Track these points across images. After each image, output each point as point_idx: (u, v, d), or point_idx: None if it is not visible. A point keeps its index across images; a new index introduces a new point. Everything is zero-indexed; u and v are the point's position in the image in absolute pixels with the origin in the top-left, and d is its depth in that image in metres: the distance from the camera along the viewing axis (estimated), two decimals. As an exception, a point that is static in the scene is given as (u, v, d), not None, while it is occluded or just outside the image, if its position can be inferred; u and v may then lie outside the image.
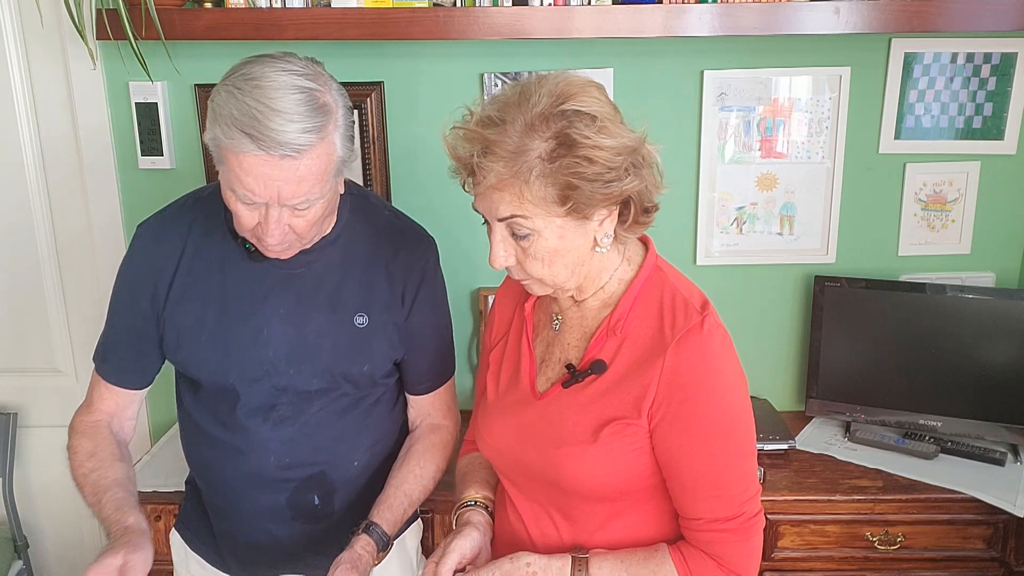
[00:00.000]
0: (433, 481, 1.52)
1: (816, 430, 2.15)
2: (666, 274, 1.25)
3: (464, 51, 2.05)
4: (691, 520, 1.21)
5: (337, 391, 1.46)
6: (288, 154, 1.21)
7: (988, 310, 1.99)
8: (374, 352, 1.47)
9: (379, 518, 1.40)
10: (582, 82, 1.13)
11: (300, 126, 1.20)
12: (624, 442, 1.19)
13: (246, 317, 1.42)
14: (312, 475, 1.48)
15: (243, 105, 1.20)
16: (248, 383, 1.43)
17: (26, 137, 2.13)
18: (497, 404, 1.34)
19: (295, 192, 1.24)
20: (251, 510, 1.49)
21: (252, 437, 1.45)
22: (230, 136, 1.20)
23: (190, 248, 1.43)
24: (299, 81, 1.23)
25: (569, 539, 1.28)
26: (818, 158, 2.12)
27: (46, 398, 2.30)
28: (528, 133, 1.09)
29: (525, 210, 1.12)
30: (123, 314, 1.47)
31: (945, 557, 1.90)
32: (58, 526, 2.41)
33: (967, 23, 1.86)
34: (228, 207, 1.31)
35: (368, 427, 1.52)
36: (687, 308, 1.19)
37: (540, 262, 1.17)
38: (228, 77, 1.25)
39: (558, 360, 1.29)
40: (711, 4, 1.86)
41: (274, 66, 1.24)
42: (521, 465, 1.29)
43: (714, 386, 1.17)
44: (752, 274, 2.20)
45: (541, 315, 1.35)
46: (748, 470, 1.21)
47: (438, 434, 1.56)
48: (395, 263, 1.47)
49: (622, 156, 1.11)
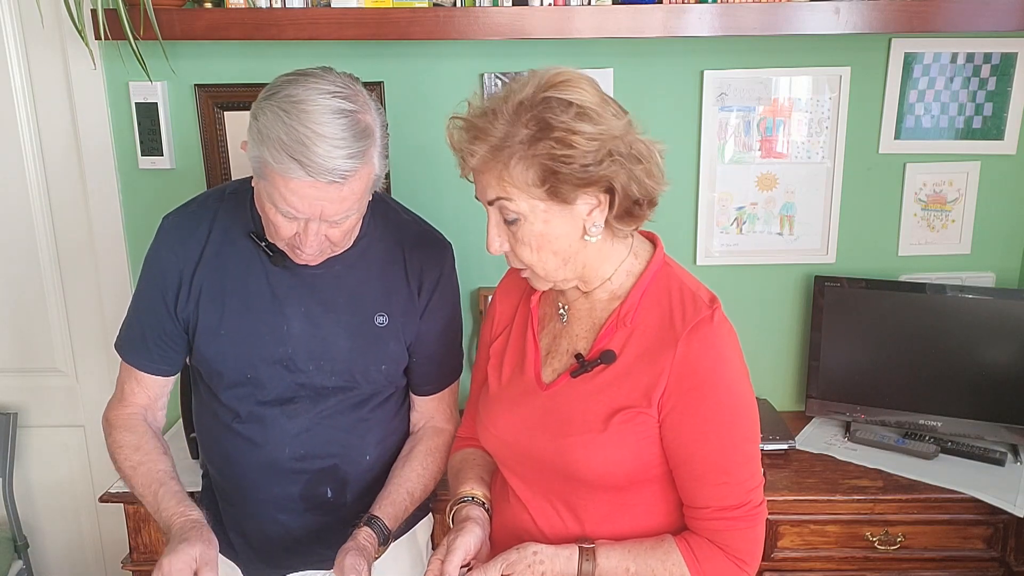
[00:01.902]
0: (434, 482, 1.55)
1: (816, 430, 2.15)
2: (674, 270, 1.29)
3: (464, 51, 2.05)
4: (698, 509, 1.23)
5: (354, 389, 1.49)
6: (335, 180, 1.25)
7: (988, 310, 1.99)
8: (392, 352, 1.50)
9: (381, 512, 1.43)
10: (568, 73, 1.17)
11: (346, 151, 1.25)
12: (634, 431, 1.22)
13: (266, 315, 1.45)
14: (325, 468, 1.51)
15: (291, 130, 1.23)
16: (266, 378, 1.46)
17: (26, 137, 2.13)
18: (500, 396, 1.36)
19: (337, 210, 1.30)
20: (264, 500, 1.52)
21: (268, 429, 1.48)
22: (279, 161, 1.24)
23: (212, 244, 1.46)
24: (342, 104, 1.26)
25: (576, 530, 1.29)
26: (818, 158, 2.12)
27: (46, 398, 2.30)
28: (512, 121, 1.15)
29: (508, 192, 1.16)
30: (147, 305, 1.49)
31: (945, 557, 1.90)
32: (58, 526, 2.41)
33: (967, 23, 1.86)
34: (264, 216, 1.34)
35: (381, 422, 1.55)
36: (696, 301, 1.23)
37: (529, 248, 1.20)
38: (272, 96, 1.27)
39: (565, 351, 1.31)
40: (711, 4, 1.86)
41: (318, 88, 1.27)
42: (528, 456, 1.30)
43: (724, 375, 1.20)
44: (752, 274, 2.20)
45: (547, 308, 1.37)
46: (754, 457, 1.24)
47: (441, 437, 1.59)
48: (412, 263, 1.50)
49: (598, 142, 1.14)
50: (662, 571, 1.23)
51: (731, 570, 1.23)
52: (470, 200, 1.26)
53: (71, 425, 2.31)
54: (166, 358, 1.51)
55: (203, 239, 1.46)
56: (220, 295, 1.45)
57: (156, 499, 1.41)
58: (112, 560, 2.41)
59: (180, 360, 1.53)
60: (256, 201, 1.38)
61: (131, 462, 1.46)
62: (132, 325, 1.52)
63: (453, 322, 1.58)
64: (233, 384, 1.48)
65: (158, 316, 1.48)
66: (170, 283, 1.46)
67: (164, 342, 1.49)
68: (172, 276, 1.46)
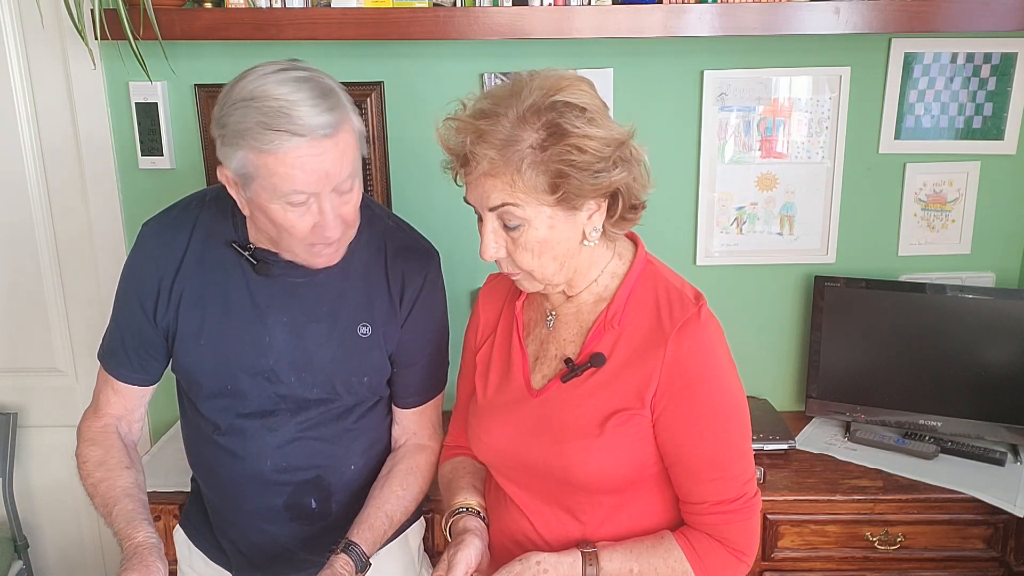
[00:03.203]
0: (415, 503, 1.51)
1: (816, 430, 2.15)
2: (657, 268, 1.29)
3: (464, 51, 2.05)
4: (695, 504, 1.24)
5: (336, 401, 1.46)
6: (327, 134, 1.22)
7: (988, 310, 1.99)
8: (376, 363, 1.47)
9: (359, 538, 1.39)
10: (572, 76, 1.16)
11: (323, 107, 1.22)
12: (629, 432, 1.22)
13: (247, 324, 1.42)
14: (309, 479, 1.48)
15: (264, 109, 1.21)
16: (247, 389, 1.44)
17: (26, 137, 2.13)
18: (490, 404, 1.34)
19: (340, 169, 1.26)
20: (249, 511, 1.49)
21: (250, 441, 1.45)
22: (267, 142, 1.21)
23: (193, 251, 1.43)
24: (297, 74, 1.24)
25: (576, 533, 1.29)
26: (818, 158, 2.12)
27: (46, 398, 2.30)
28: (520, 124, 1.12)
29: (516, 198, 1.14)
30: (126, 313, 1.47)
31: (945, 557, 1.90)
32: (58, 526, 2.41)
33: (967, 23, 1.86)
34: (273, 226, 1.30)
35: (366, 431, 1.52)
36: (683, 299, 1.23)
37: (530, 253, 1.19)
38: (227, 105, 1.24)
39: (554, 356, 1.30)
40: (711, 4, 1.86)
41: (265, 74, 1.24)
42: (524, 463, 1.29)
43: (714, 371, 1.21)
44: (752, 274, 2.20)
45: (532, 313, 1.36)
46: (747, 451, 1.26)
47: (423, 455, 1.54)
48: (395, 271, 1.46)
49: (611, 147, 1.14)
50: (665, 569, 1.23)
51: (731, 562, 1.25)
52: (468, 197, 1.24)
53: (71, 425, 2.26)
54: (145, 367, 1.48)
55: (183, 246, 1.43)
56: (200, 302, 1.42)
57: (111, 519, 1.37)
58: (112, 560, 2.41)
59: (159, 370, 1.50)
60: (256, 219, 1.33)
61: (92, 479, 1.43)
62: (112, 333, 1.49)
63: (437, 333, 1.53)
64: (213, 395, 1.45)
65: (138, 324, 1.45)
66: (149, 290, 1.43)
67: (144, 350, 1.46)
68: (151, 283, 1.43)
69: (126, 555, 1.30)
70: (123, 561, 1.30)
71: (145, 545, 1.31)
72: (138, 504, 1.39)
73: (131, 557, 1.29)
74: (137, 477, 1.45)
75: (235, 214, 1.42)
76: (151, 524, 1.36)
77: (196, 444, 1.52)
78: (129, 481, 1.42)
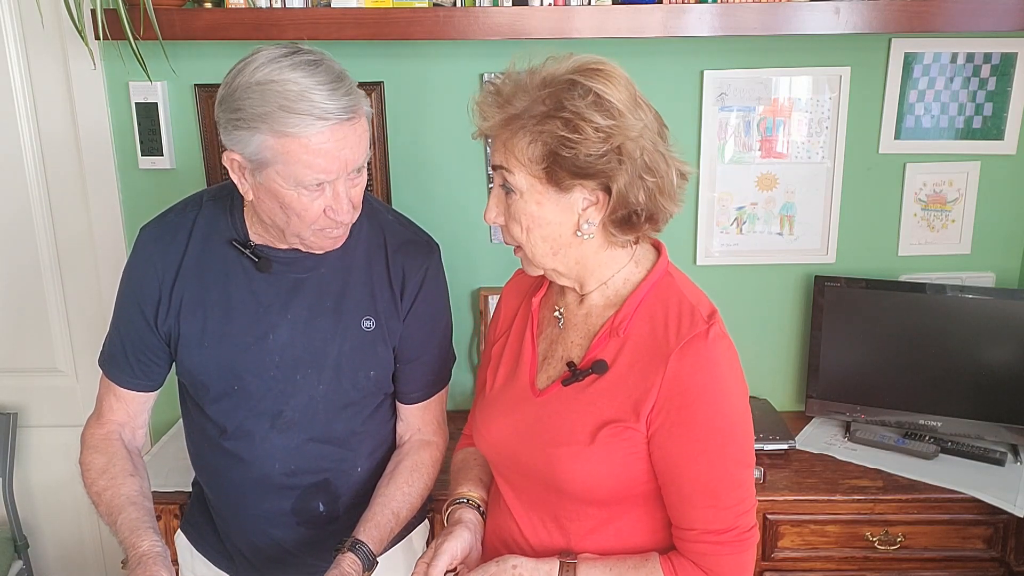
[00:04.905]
0: (420, 499, 1.50)
1: (816, 430, 2.15)
2: (676, 280, 1.24)
3: (464, 51, 2.05)
4: (685, 530, 1.20)
5: (343, 398, 1.45)
6: (350, 115, 1.23)
7: (988, 310, 1.99)
8: (381, 357, 1.46)
9: (365, 536, 1.38)
10: (608, 66, 1.15)
11: (340, 91, 1.23)
12: (621, 445, 1.18)
13: (251, 323, 1.41)
14: (317, 482, 1.48)
15: (285, 93, 1.20)
16: (253, 389, 1.43)
17: (26, 137, 2.13)
18: (495, 399, 1.34)
19: (358, 154, 1.26)
20: (256, 515, 1.49)
21: (257, 444, 1.45)
22: (290, 125, 1.20)
23: (191, 253, 1.42)
24: (306, 57, 1.24)
25: (560, 543, 1.26)
26: (818, 158, 2.12)
27: (46, 398, 2.30)
28: (533, 95, 1.14)
29: (509, 163, 1.16)
30: (127, 319, 1.46)
31: (945, 557, 1.91)
32: (58, 526, 2.41)
33: (967, 23, 1.86)
34: (283, 211, 1.29)
35: (372, 433, 1.51)
36: (693, 315, 1.18)
37: (519, 225, 1.19)
38: (240, 89, 1.23)
39: (560, 358, 1.28)
40: (711, 4, 1.86)
41: (275, 58, 1.23)
42: (516, 462, 1.28)
43: (715, 394, 1.16)
44: (752, 274, 2.20)
45: (547, 312, 1.34)
46: (745, 481, 1.19)
47: (428, 451, 1.53)
48: (395, 265, 1.46)
49: (604, 135, 1.11)
50: None
51: None
52: (470, 199, 1.25)
53: (71, 425, 2.30)
54: (147, 373, 1.47)
55: (182, 249, 1.42)
56: (201, 305, 1.41)
57: (116, 528, 1.36)
58: (112, 560, 2.42)
59: (162, 375, 1.49)
60: (262, 204, 1.31)
61: (96, 487, 1.42)
62: (113, 340, 1.48)
63: (439, 326, 1.52)
64: (219, 396, 1.44)
65: (138, 330, 1.44)
66: (149, 295, 1.42)
67: (146, 356, 1.45)
68: (151, 288, 1.42)
69: (131, 564, 1.30)
70: (129, 571, 1.30)
71: (150, 554, 1.30)
72: (143, 512, 1.38)
73: (136, 567, 1.29)
74: (142, 484, 1.44)
75: (233, 213, 1.41)
76: (156, 532, 1.35)
77: (201, 449, 1.52)
78: (133, 489, 1.41)
